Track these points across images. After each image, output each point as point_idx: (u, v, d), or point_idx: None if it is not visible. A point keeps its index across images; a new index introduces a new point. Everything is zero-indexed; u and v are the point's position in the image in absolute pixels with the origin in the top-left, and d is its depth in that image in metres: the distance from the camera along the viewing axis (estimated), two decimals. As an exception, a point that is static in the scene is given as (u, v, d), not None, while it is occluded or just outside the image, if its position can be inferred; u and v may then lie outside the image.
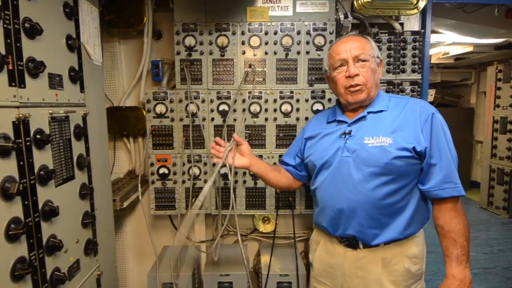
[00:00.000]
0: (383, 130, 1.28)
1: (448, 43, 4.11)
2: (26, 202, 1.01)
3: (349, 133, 1.34)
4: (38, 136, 1.07)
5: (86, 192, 1.38)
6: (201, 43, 1.89)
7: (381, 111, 1.34)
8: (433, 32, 3.40)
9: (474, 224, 4.48)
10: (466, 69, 6.13)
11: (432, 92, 6.42)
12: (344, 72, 1.32)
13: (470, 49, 4.39)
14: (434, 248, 1.59)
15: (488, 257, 3.56)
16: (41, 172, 1.09)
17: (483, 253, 3.67)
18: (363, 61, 1.31)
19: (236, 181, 1.98)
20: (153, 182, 1.99)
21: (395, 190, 1.26)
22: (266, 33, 1.89)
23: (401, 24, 2.06)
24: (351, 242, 1.34)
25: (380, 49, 1.91)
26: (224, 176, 1.97)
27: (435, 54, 5.01)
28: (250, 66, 1.90)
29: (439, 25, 3.15)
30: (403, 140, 1.24)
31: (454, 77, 6.26)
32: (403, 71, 1.96)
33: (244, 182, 1.98)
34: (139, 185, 1.83)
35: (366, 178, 1.26)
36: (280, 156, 1.96)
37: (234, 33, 1.88)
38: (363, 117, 1.35)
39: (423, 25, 2.03)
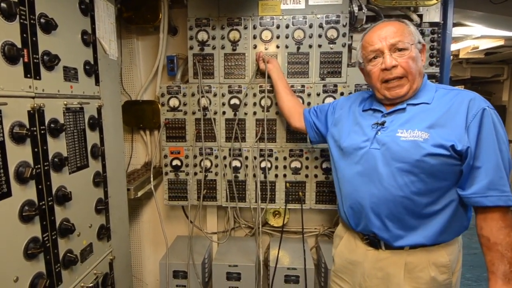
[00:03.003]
0: (420, 124, 1.15)
1: (476, 36, 3.91)
2: (40, 187, 1.08)
3: (382, 124, 1.23)
4: (52, 125, 1.15)
5: (100, 180, 1.46)
6: (213, 38, 1.91)
7: (423, 103, 1.20)
8: (459, 24, 3.25)
9: None
10: (498, 65, 5.83)
11: (460, 88, 6.16)
12: (379, 65, 1.20)
13: (501, 42, 4.16)
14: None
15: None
16: (55, 159, 1.16)
17: None
18: (402, 49, 1.17)
19: (246, 175, 2.00)
20: (166, 174, 2.05)
21: (427, 191, 1.14)
22: (278, 27, 1.88)
23: (420, 16, 1.98)
24: (372, 241, 1.27)
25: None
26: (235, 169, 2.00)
27: (464, 48, 4.78)
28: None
29: (465, 17, 3.00)
30: (441, 136, 1.10)
31: (484, 72, 5.96)
32: (420, 64, 1.89)
33: (254, 175, 2.00)
34: (151, 176, 1.89)
35: (394, 174, 1.15)
36: (291, 150, 1.97)
37: (245, 28, 1.89)
38: (402, 109, 1.23)
39: (445, 16, 1.95)
